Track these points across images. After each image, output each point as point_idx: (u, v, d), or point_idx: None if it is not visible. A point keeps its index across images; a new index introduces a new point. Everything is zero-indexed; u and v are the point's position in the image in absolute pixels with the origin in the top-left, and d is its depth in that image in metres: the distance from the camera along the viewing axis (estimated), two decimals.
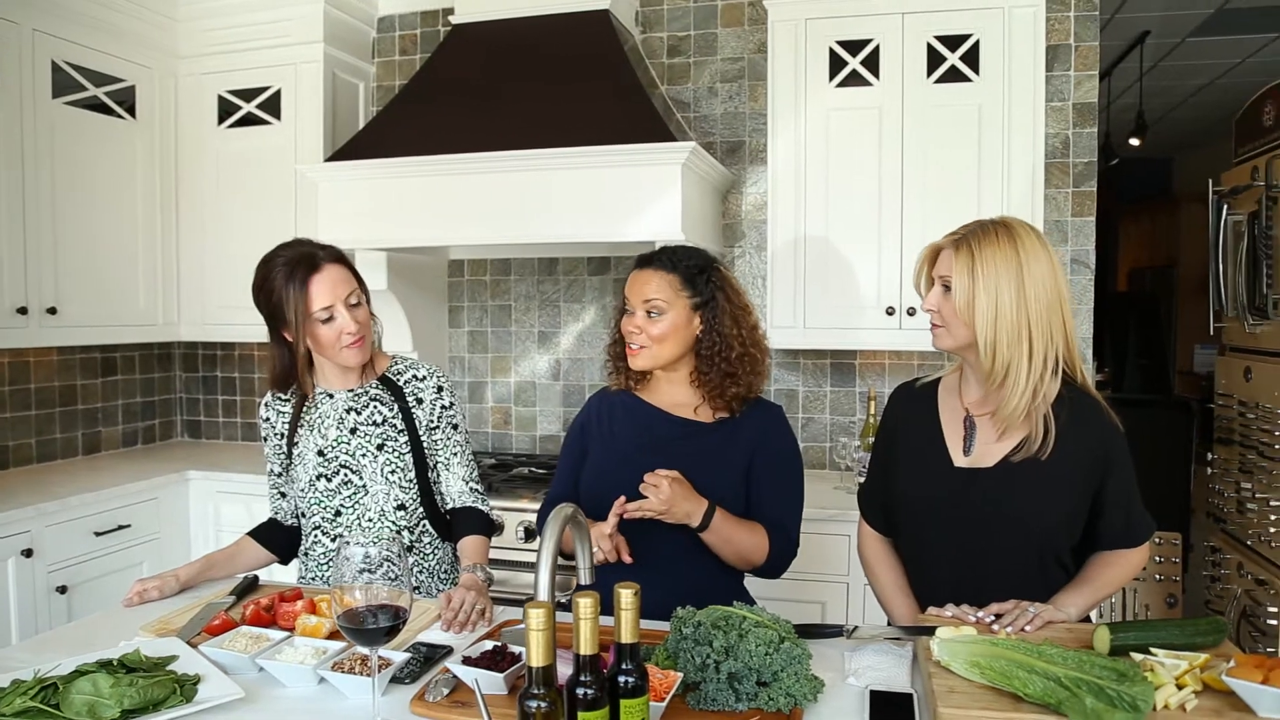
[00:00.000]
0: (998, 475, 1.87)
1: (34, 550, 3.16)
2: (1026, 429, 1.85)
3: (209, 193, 4.07)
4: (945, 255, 1.87)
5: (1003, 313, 1.78)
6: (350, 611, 1.45)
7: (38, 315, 3.48)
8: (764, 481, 2.14)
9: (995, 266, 1.79)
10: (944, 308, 1.86)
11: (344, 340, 2.16)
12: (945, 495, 1.91)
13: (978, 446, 1.91)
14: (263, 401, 2.36)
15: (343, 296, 2.15)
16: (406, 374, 2.32)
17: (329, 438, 2.25)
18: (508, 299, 4.22)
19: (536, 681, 1.19)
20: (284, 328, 2.17)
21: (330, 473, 2.25)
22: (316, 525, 2.29)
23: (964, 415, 1.95)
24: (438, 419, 2.31)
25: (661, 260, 2.14)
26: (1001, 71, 3.20)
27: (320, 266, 2.14)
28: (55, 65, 3.52)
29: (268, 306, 2.17)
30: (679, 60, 3.93)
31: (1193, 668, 1.46)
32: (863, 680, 1.62)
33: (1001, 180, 3.21)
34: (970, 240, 1.82)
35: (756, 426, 2.16)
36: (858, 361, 3.80)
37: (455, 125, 3.40)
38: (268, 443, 2.36)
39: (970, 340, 1.84)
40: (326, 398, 2.28)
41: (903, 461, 2.01)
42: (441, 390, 2.33)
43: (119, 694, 1.47)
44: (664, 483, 1.94)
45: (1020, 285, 1.78)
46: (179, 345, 4.65)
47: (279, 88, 3.94)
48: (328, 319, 2.14)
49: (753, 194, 3.87)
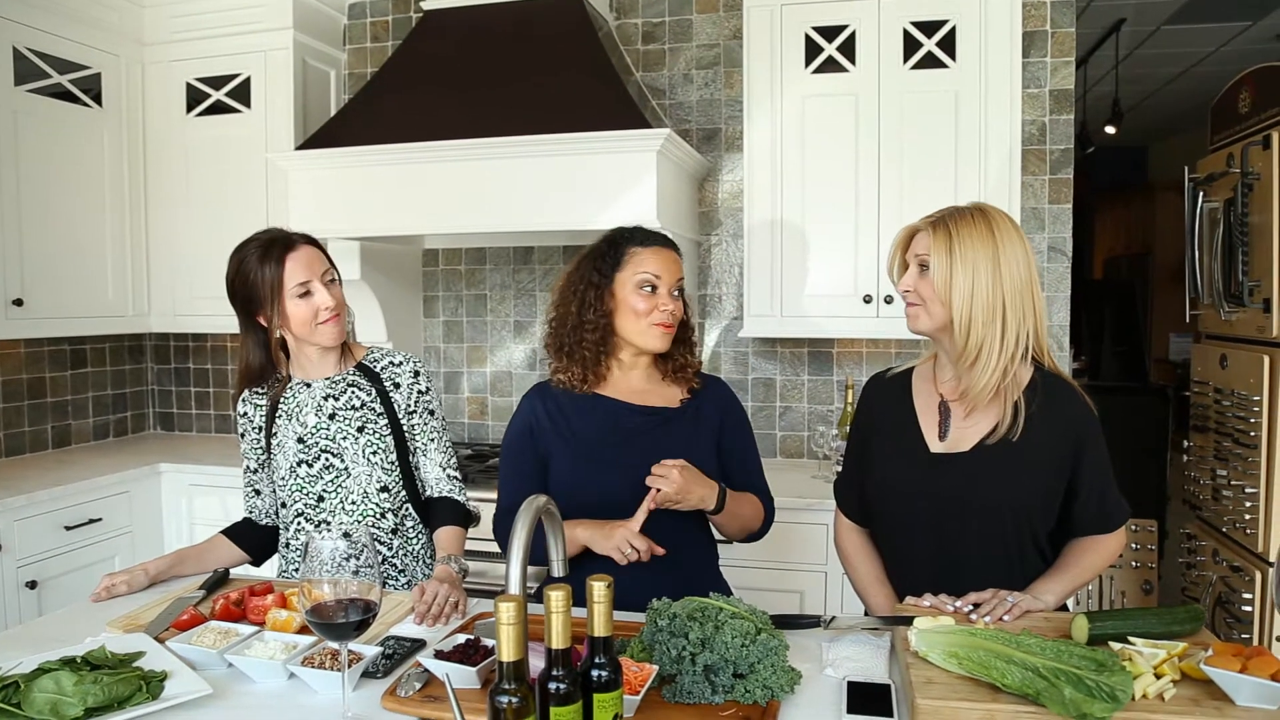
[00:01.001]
0: (973, 459, 1.87)
1: (3, 545, 3.12)
2: (999, 411, 1.85)
3: (179, 182, 4.01)
4: (922, 237, 1.87)
5: (979, 291, 1.79)
6: (319, 606, 1.42)
7: (3, 307, 3.42)
8: (738, 451, 2.19)
9: (973, 246, 1.80)
10: (921, 287, 1.86)
11: (321, 315, 2.14)
12: (922, 481, 1.91)
13: (953, 431, 1.91)
14: (239, 398, 2.32)
15: (319, 273, 2.15)
16: (383, 360, 2.30)
17: (308, 425, 2.23)
18: (483, 288, 4.19)
19: (508, 676, 1.17)
20: (259, 311, 2.15)
21: (311, 458, 2.22)
22: (299, 513, 2.25)
23: (939, 401, 1.95)
24: (415, 404, 2.28)
25: (670, 241, 2.14)
26: (978, 58, 3.19)
27: (295, 245, 2.16)
28: (17, 52, 3.45)
29: (244, 290, 2.15)
30: (653, 47, 3.90)
31: (1171, 656, 1.45)
32: (840, 671, 1.61)
33: (978, 167, 3.21)
34: (948, 221, 1.83)
35: (715, 401, 2.19)
36: (835, 350, 3.79)
37: (428, 113, 3.36)
38: (245, 438, 2.32)
39: (946, 321, 1.83)
40: (304, 387, 2.25)
41: (878, 451, 2.01)
42: (418, 375, 2.31)
43: (82, 692, 1.44)
44: (674, 471, 1.92)
45: (996, 266, 1.80)
46: (150, 337, 4.59)
47: (248, 75, 3.88)
48: (304, 294, 2.13)
49: (729, 181, 3.84)
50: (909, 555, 1.96)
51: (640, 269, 2.06)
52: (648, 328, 2.05)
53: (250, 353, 2.24)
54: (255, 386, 2.29)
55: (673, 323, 2.08)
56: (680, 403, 2.15)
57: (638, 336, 2.07)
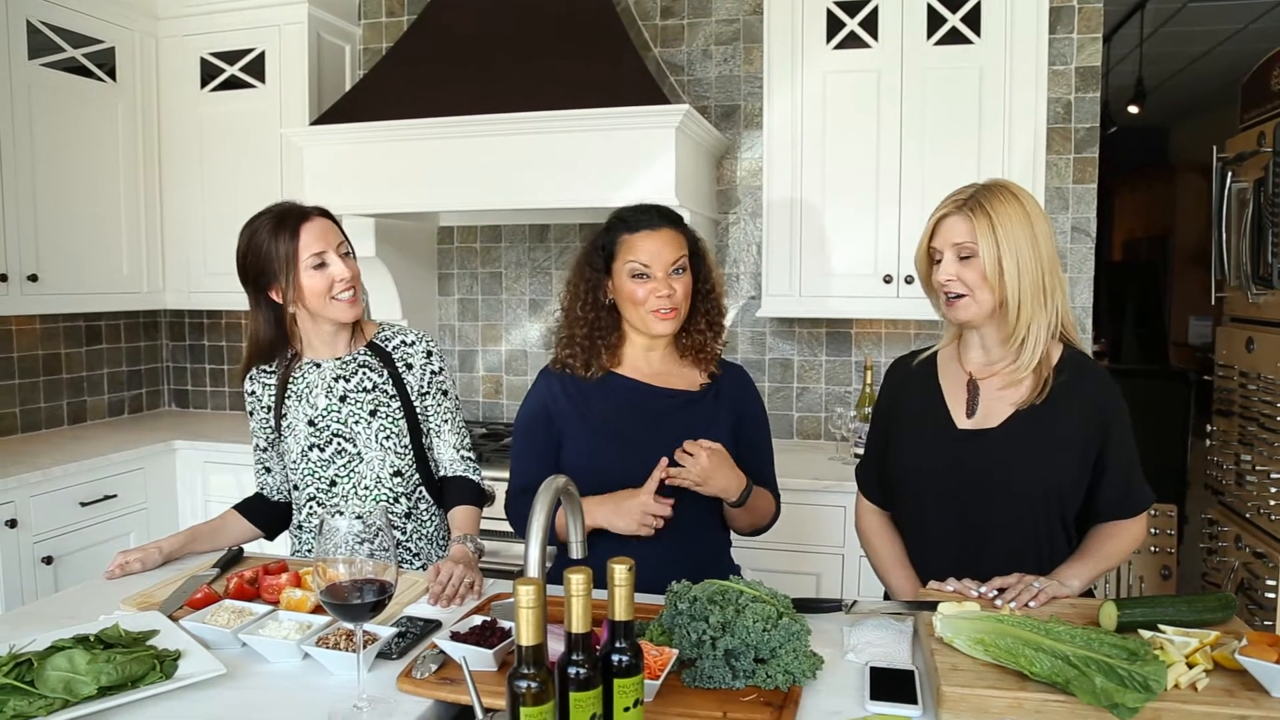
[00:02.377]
0: (1002, 435, 1.84)
1: (19, 521, 3.12)
2: (1030, 387, 1.83)
3: (193, 157, 3.99)
4: (956, 223, 1.82)
5: (1024, 270, 1.77)
6: (334, 586, 1.40)
7: (18, 282, 3.41)
8: (753, 443, 2.15)
9: (1013, 225, 1.77)
10: (966, 275, 1.81)
11: (337, 288, 2.10)
12: (948, 460, 1.88)
13: (982, 407, 1.88)
14: (247, 376, 2.28)
15: (334, 244, 2.11)
16: (394, 339, 2.26)
17: (319, 407, 2.19)
18: (498, 266, 4.16)
19: (526, 661, 1.14)
20: (272, 285, 2.11)
21: (323, 442, 2.19)
22: (311, 497, 2.23)
23: (967, 379, 1.91)
24: (428, 384, 2.25)
25: (667, 217, 2.08)
26: (1003, 33, 3.13)
27: (310, 216, 2.12)
28: (31, 25, 3.42)
29: (256, 265, 2.10)
30: (672, 22, 3.84)
31: (1203, 645, 1.42)
32: (862, 656, 1.58)
33: (1002, 146, 3.15)
34: (983, 202, 1.79)
35: (734, 389, 2.15)
36: (854, 330, 3.74)
37: (443, 88, 3.33)
38: (253, 417, 2.29)
39: (993, 306, 1.81)
40: (313, 367, 2.21)
41: (904, 432, 1.98)
42: (430, 355, 2.27)
43: (96, 671, 1.42)
44: (703, 455, 1.90)
45: (1034, 240, 1.78)
46: (165, 313, 4.58)
47: (263, 49, 3.84)
48: (319, 264, 2.08)
49: (748, 159, 3.80)
50: (933, 535, 1.93)
51: (630, 257, 2.03)
52: (646, 315, 2.03)
53: (261, 329, 2.19)
54: (264, 364, 2.25)
55: (672, 306, 2.02)
56: (701, 387, 2.12)
57: (640, 324, 2.05)
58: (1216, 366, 3.68)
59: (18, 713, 1.35)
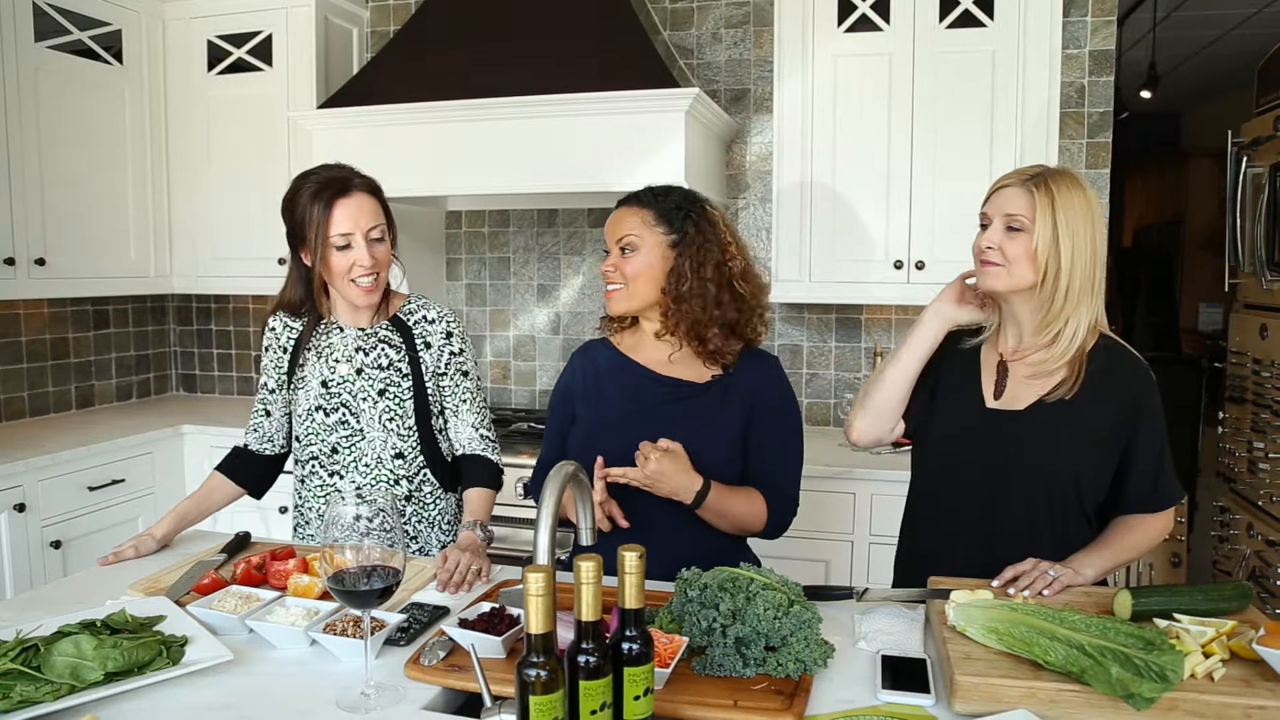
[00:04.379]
0: (1028, 418, 1.83)
1: (27, 505, 3.12)
2: (1060, 374, 1.81)
3: (200, 141, 3.97)
4: (1015, 194, 1.79)
5: (1079, 259, 1.75)
6: (341, 573, 1.39)
7: (26, 266, 3.40)
8: (762, 442, 2.04)
9: (1075, 212, 1.75)
10: (1008, 247, 1.78)
11: (355, 273, 2.08)
12: (971, 435, 1.87)
13: (1010, 389, 1.87)
14: (272, 315, 2.27)
15: (365, 228, 2.08)
16: (417, 314, 2.25)
17: (336, 371, 2.18)
18: (506, 251, 4.14)
19: (536, 649, 1.13)
20: (303, 247, 2.10)
21: (330, 407, 2.19)
22: (314, 456, 2.23)
23: (998, 361, 1.90)
24: (445, 365, 2.23)
25: (639, 197, 2.06)
26: (1017, 16, 3.09)
27: (350, 192, 2.07)
28: (37, 8, 3.40)
29: (290, 222, 2.10)
30: (681, 5, 3.81)
31: (1219, 635, 1.40)
32: (874, 645, 1.56)
33: (1015, 130, 3.12)
34: (1050, 181, 1.76)
35: (750, 382, 2.04)
36: (864, 316, 3.72)
37: (451, 71, 3.30)
38: (268, 353, 2.28)
39: (1029, 283, 1.78)
40: (338, 330, 2.21)
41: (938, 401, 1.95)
42: (451, 336, 2.25)
43: (102, 656, 1.42)
44: (652, 456, 1.86)
45: (1092, 234, 1.76)
46: (173, 298, 4.57)
47: (270, 32, 3.82)
48: (344, 246, 2.06)
49: (758, 144, 3.77)
50: (950, 514, 1.92)
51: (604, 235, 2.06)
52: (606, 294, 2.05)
53: (291, 286, 2.20)
54: (290, 315, 2.26)
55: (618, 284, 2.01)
56: (709, 378, 2.05)
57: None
58: (1229, 353, 3.66)
59: (24, 698, 1.35)
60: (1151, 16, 5.76)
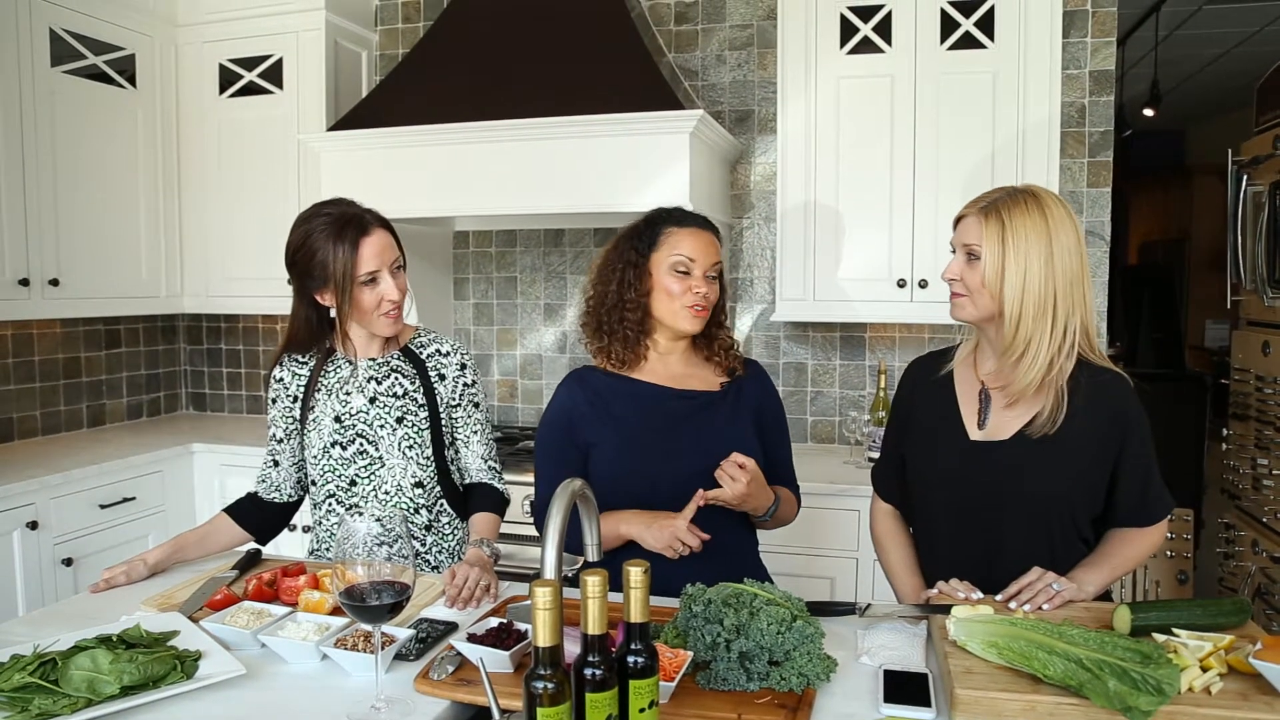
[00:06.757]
0: (1013, 448, 1.83)
1: (39, 523, 3.15)
2: (1041, 402, 1.80)
3: (211, 163, 4.02)
4: (970, 223, 1.81)
5: (1030, 285, 1.73)
6: (352, 588, 1.41)
7: (40, 286, 3.45)
8: (773, 443, 2.16)
9: (1025, 236, 1.73)
10: (968, 277, 1.81)
11: (384, 307, 2.10)
12: (959, 469, 1.88)
13: (993, 419, 1.87)
14: (278, 362, 2.27)
15: (389, 262, 2.10)
16: (430, 348, 2.26)
17: (349, 404, 2.18)
18: (513, 271, 4.18)
19: (543, 662, 1.15)
20: (322, 289, 2.11)
21: (346, 440, 2.18)
22: (330, 494, 2.22)
23: (979, 388, 1.91)
24: (459, 397, 2.25)
25: (708, 223, 2.10)
26: (1017, 38, 3.13)
27: (370, 229, 2.09)
28: (54, 33, 3.46)
29: (307, 266, 2.09)
30: (686, 27, 3.86)
31: (1217, 649, 1.42)
32: (876, 659, 1.58)
33: (1016, 150, 3.15)
34: (1000, 208, 1.77)
35: (754, 386, 2.16)
36: (868, 334, 3.75)
37: (459, 94, 3.35)
38: (275, 404, 2.27)
39: (993, 311, 1.79)
40: (346, 364, 2.22)
41: (917, 436, 1.97)
42: (465, 368, 2.27)
43: (118, 670, 1.44)
44: (743, 480, 1.88)
45: (1049, 257, 1.73)
46: (183, 318, 4.62)
47: (280, 56, 3.88)
48: (370, 281, 2.08)
49: (762, 164, 3.81)
50: (945, 543, 1.93)
51: (675, 250, 2.03)
52: (680, 310, 2.03)
53: (300, 326, 2.19)
54: (298, 354, 2.25)
55: (706, 305, 2.04)
56: (721, 386, 2.12)
57: (670, 318, 2.04)
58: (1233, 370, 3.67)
59: (42, 711, 1.38)
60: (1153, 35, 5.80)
